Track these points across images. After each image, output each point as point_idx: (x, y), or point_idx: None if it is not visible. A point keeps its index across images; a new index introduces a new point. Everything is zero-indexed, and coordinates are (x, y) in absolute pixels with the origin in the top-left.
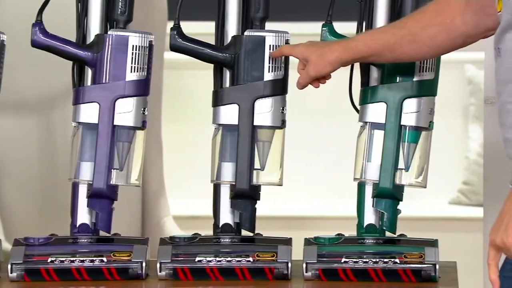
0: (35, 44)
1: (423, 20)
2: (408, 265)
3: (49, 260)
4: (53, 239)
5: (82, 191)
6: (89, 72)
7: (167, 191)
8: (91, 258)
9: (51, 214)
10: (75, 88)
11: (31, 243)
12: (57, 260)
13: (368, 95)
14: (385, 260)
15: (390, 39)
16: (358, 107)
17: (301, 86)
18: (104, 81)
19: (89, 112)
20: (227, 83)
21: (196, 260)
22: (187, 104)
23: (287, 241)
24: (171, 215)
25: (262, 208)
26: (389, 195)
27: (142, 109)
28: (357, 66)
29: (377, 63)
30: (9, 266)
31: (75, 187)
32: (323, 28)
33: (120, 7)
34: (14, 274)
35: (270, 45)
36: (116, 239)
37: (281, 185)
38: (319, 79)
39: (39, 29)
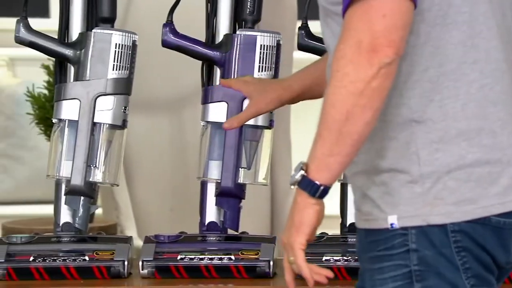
0: (165, 44)
1: None
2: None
3: (178, 257)
4: (183, 236)
5: (211, 190)
6: (217, 72)
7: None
8: (219, 256)
9: (183, 211)
10: (204, 87)
11: (161, 241)
12: (187, 258)
13: None
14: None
15: (314, 72)
16: None
17: (238, 123)
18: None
19: (218, 111)
20: None
21: (324, 259)
22: (315, 103)
23: None
24: None
25: None
26: None
27: None
28: None
29: None
30: (140, 263)
31: (203, 185)
32: None
33: (248, 7)
34: (145, 271)
35: None
36: (244, 238)
37: None
38: None
39: (170, 29)
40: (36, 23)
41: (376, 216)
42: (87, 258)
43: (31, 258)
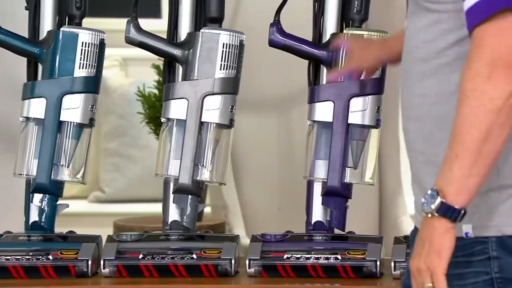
0: (272, 44)
1: None
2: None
3: (285, 256)
4: (289, 235)
5: (317, 189)
6: (324, 71)
7: (404, 189)
8: (326, 256)
9: (290, 210)
10: (310, 86)
11: (268, 240)
12: (293, 257)
13: None
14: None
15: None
16: None
17: (335, 77)
18: (339, 80)
19: (324, 111)
20: None
21: None
22: None
23: None
24: (408, 214)
25: None
26: None
27: (377, 107)
28: None
29: None
30: (247, 262)
31: (310, 185)
32: None
33: (356, 6)
34: (252, 270)
35: None
36: (351, 237)
37: None
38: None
39: (277, 29)
40: (148, 23)
41: None
42: (195, 256)
43: (141, 256)
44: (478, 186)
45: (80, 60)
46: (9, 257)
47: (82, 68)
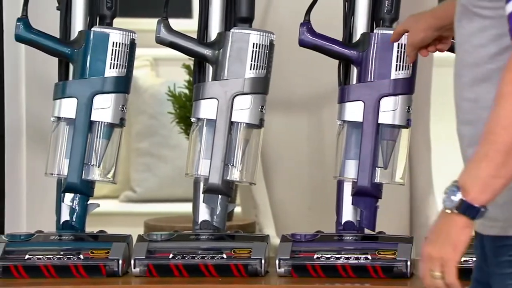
0: (302, 44)
1: None
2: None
3: (315, 256)
4: (319, 235)
5: (347, 189)
6: (354, 71)
7: (436, 189)
8: (356, 256)
9: (321, 210)
10: (340, 86)
11: (298, 240)
12: (323, 257)
13: None
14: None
15: None
16: None
17: (410, 58)
18: (369, 80)
19: (354, 110)
20: None
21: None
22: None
23: None
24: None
25: None
26: None
27: (407, 107)
28: None
29: None
30: (277, 262)
31: (340, 184)
32: None
33: (386, 5)
34: (282, 270)
35: None
36: (381, 237)
37: None
38: (424, 47)
39: (307, 29)
40: (178, 23)
41: (504, 222)
42: (225, 256)
43: (171, 255)
44: (503, 187)
45: (111, 60)
46: (41, 257)
47: (113, 68)
